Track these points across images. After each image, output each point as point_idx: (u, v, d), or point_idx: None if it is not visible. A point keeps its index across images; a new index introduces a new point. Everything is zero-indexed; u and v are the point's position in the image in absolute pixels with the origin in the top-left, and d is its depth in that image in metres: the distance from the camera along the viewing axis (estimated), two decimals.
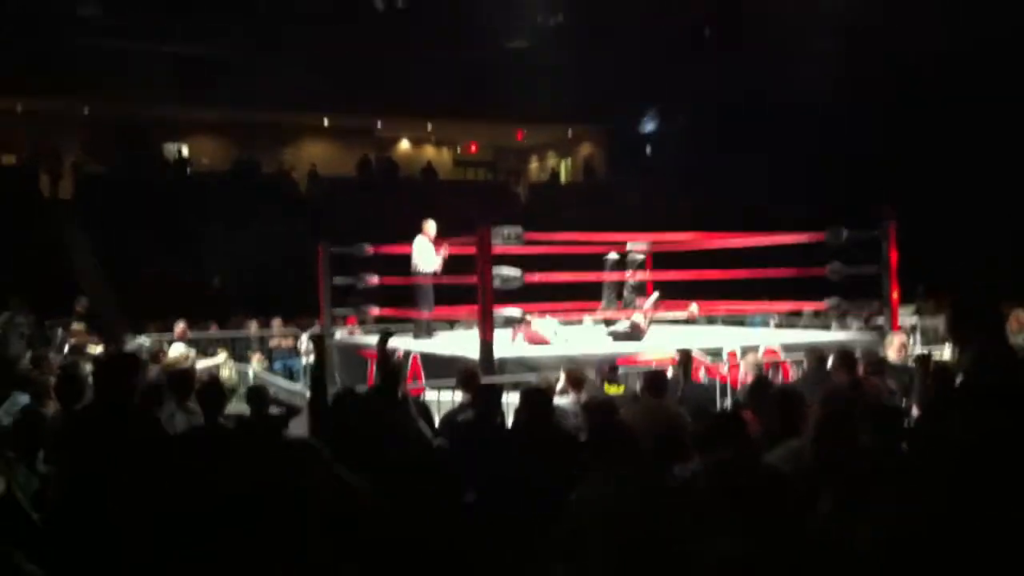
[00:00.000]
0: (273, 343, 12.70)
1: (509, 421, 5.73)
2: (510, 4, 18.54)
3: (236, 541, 3.89)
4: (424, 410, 6.14)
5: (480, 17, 19.85)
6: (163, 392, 5.99)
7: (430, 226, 10.74)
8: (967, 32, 17.42)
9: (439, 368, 8.51)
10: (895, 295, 10.01)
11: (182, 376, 6.15)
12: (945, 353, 9.04)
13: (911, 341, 9.95)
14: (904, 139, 18.96)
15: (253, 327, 13.17)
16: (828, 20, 17.77)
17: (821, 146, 20.43)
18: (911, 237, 10.66)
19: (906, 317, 11.07)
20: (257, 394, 6.17)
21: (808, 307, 12.28)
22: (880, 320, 10.28)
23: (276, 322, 13.12)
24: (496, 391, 5.64)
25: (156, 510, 4.10)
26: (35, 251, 16.89)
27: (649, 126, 27.71)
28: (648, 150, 27.91)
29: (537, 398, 5.26)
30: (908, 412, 6.24)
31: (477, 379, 6.27)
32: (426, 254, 10.62)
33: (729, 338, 9.94)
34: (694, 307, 11.95)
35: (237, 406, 6.46)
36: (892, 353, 8.07)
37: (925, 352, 8.06)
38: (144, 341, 9.94)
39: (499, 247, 9.19)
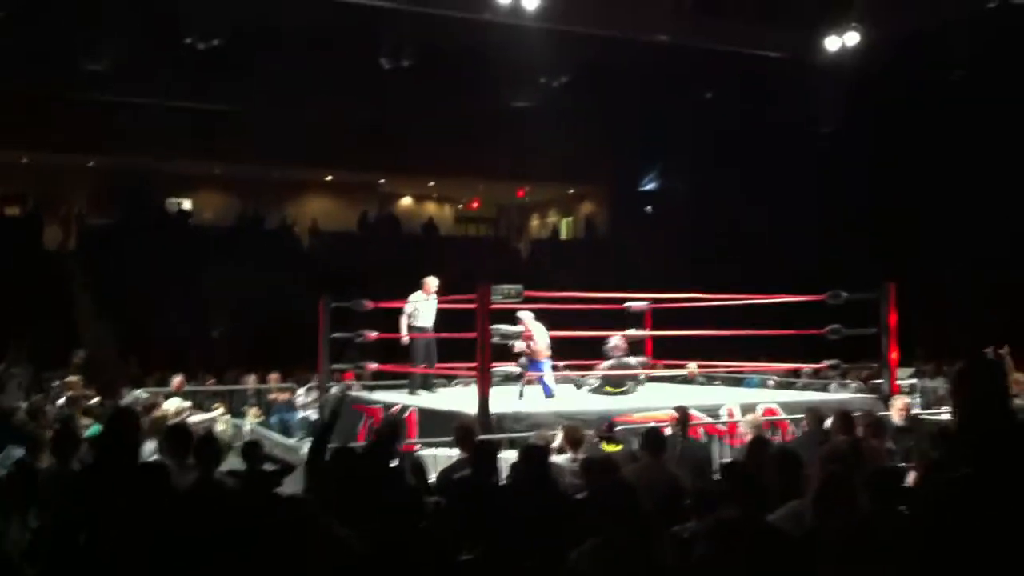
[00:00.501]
0: (271, 397, 12.66)
1: (505, 478, 5.70)
2: (515, 63, 18.79)
3: None
4: (419, 467, 6.10)
5: (485, 75, 20.11)
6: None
7: (432, 282, 10.75)
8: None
9: (437, 424, 8.47)
10: (894, 356, 10.00)
11: (178, 431, 6.10)
12: (945, 415, 9.03)
13: (916, 402, 9.95)
14: (917, 200, 19.05)
15: (251, 381, 13.13)
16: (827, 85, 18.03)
17: (822, 207, 20.60)
18: (912, 300, 10.70)
19: (905, 379, 11.04)
20: (252, 450, 6.13)
21: (807, 367, 12.27)
22: (879, 381, 10.26)
23: (273, 376, 13.08)
24: (493, 448, 5.61)
25: (149, 567, 4.06)
26: (36, 301, 16.91)
27: (651, 185, 27.92)
28: (649, 209, 28.10)
29: (535, 456, 5.23)
30: (907, 474, 6.22)
31: (473, 435, 6.23)
32: (424, 310, 10.62)
33: (728, 397, 9.92)
34: (693, 366, 11.94)
35: (233, 461, 6.41)
36: (895, 415, 8.06)
37: (921, 413, 8.06)
38: (141, 394, 9.90)
39: (499, 304, 9.22)
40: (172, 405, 8.50)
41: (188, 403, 9.06)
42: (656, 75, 20.34)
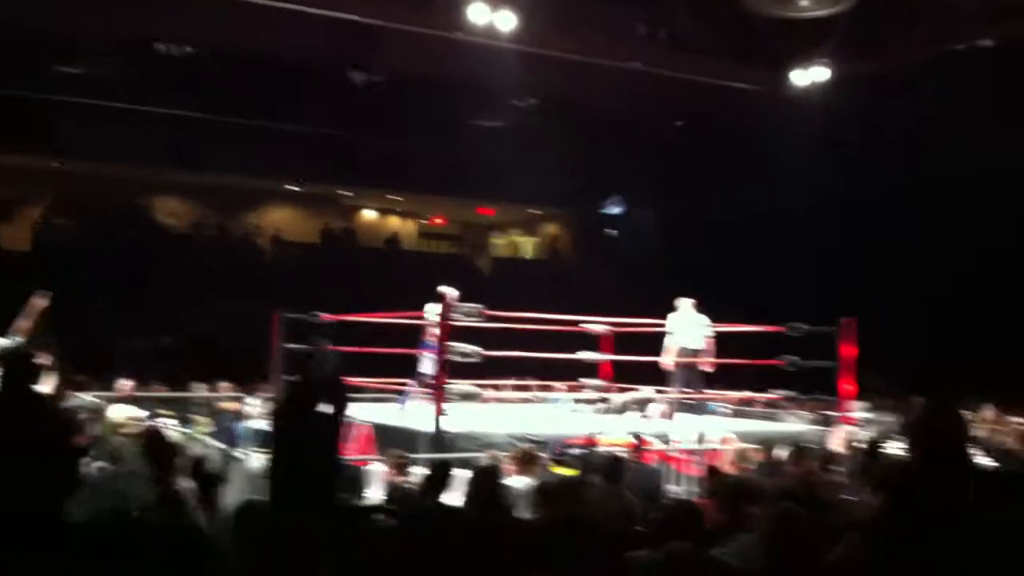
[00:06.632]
0: (220, 405, 12.45)
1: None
2: (485, 83, 18.79)
3: None
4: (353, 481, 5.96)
5: (454, 93, 20.09)
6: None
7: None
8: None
9: (394, 440, 8.35)
10: (848, 389, 10.08)
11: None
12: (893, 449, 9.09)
13: (865, 434, 9.99)
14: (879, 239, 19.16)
15: (201, 389, 12.94)
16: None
17: (784, 239, 20.72)
18: (879, 334, 10.78)
19: (860, 411, 11.10)
20: (198, 467, 5.96)
21: (763, 397, 12.31)
22: (833, 413, 10.32)
23: (224, 385, 12.90)
24: (446, 468, 5.51)
25: None
26: None
27: (615, 210, 28.01)
28: (612, 232, 28.18)
29: (486, 479, 5.15)
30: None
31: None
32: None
33: (685, 425, 9.91)
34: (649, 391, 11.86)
35: None
36: (838, 445, 8.15)
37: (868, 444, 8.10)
38: (88, 398, 9.67)
39: (459, 321, 9.17)
40: (120, 412, 8.28)
41: (140, 412, 8.82)
42: (626, 102, 20.43)
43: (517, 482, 6.11)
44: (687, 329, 10.69)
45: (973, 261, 16.83)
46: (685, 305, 10.88)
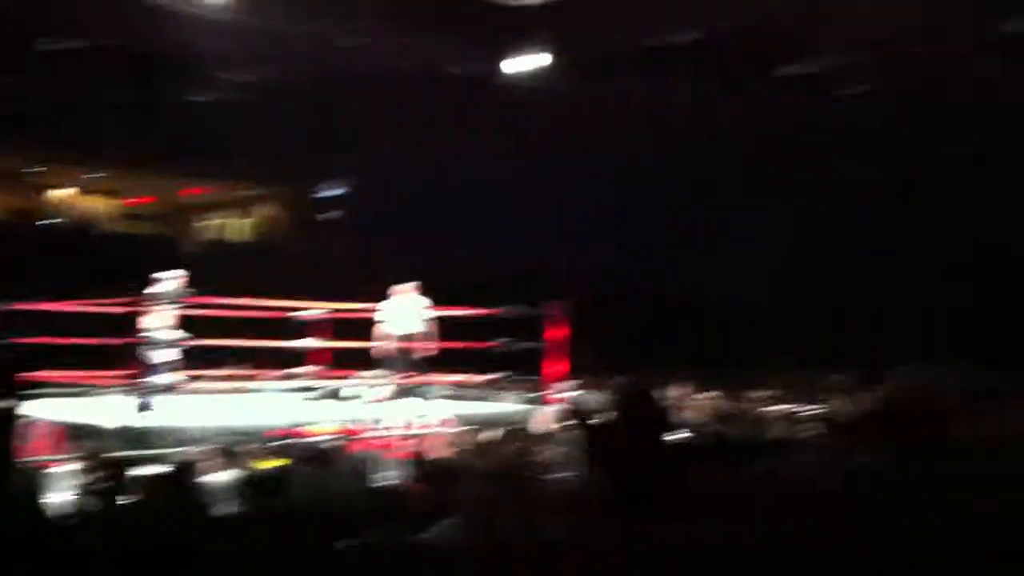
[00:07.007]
0: None
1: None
2: (197, 56, 17.86)
3: None
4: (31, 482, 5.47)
5: (163, 65, 18.97)
6: None
7: None
8: None
9: (86, 437, 7.67)
10: (556, 369, 10.49)
11: None
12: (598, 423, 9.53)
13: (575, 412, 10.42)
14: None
15: None
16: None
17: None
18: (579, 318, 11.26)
19: (570, 390, 11.57)
20: None
21: (477, 379, 12.56)
22: (543, 394, 10.69)
23: None
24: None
25: None
26: None
27: (331, 192, 27.67)
28: (328, 215, 27.85)
29: (180, 479, 4.88)
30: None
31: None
32: None
33: (400, 409, 9.90)
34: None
35: None
36: (547, 423, 8.49)
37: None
38: None
39: (164, 309, 8.64)
40: None
41: None
42: (349, 79, 20.19)
43: (221, 476, 5.83)
44: (400, 315, 10.68)
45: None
46: (399, 292, 10.87)
